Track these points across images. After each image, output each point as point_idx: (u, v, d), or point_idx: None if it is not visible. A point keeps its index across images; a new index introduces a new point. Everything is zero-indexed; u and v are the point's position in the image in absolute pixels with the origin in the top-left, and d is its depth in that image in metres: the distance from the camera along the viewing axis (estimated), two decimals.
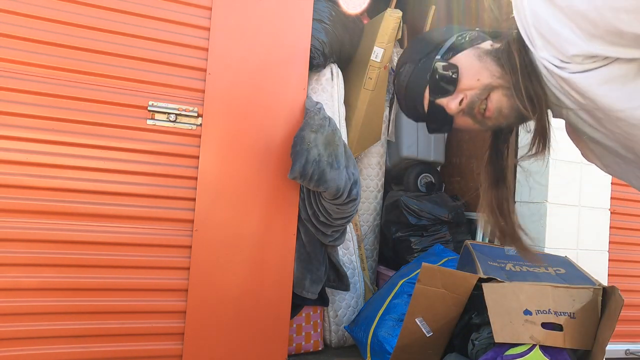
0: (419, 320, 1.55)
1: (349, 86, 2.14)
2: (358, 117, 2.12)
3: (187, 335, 1.53)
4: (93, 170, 1.44)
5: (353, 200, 1.66)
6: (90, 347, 1.44)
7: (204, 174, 1.55)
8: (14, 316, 1.37)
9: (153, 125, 1.51)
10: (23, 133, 1.38)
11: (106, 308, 1.46)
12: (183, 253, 1.54)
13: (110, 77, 1.47)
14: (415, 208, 2.36)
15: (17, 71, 1.38)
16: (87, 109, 1.44)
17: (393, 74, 2.35)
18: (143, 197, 1.49)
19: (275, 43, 1.65)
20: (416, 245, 2.33)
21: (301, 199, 1.69)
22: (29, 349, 1.39)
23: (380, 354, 1.73)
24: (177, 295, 1.53)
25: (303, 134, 1.59)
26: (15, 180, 1.37)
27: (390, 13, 2.08)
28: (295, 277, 1.69)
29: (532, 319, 1.39)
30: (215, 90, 1.56)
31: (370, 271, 2.36)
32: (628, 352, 2.14)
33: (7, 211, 1.37)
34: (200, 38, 1.55)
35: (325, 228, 1.70)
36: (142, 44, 1.50)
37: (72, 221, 1.43)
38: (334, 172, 1.59)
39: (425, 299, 1.53)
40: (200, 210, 1.54)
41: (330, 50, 1.96)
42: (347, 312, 2.08)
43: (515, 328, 1.38)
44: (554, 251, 1.92)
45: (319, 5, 1.94)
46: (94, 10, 1.45)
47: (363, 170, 2.41)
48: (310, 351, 1.95)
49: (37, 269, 1.40)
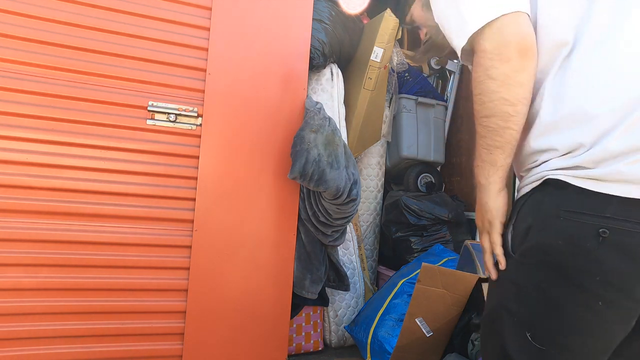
0: (419, 320, 1.56)
1: (348, 86, 2.14)
2: (358, 117, 2.12)
3: (187, 335, 1.53)
4: (93, 170, 1.44)
5: (353, 200, 1.66)
6: (90, 347, 1.44)
7: (204, 174, 1.55)
8: (14, 316, 1.37)
9: (153, 125, 1.51)
10: (23, 133, 1.38)
11: (106, 308, 1.46)
12: (183, 253, 1.54)
13: (110, 77, 1.47)
14: (415, 208, 2.36)
15: (17, 71, 1.38)
16: (87, 109, 1.44)
17: (393, 74, 2.35)
18: (143, 197, 1.49)
19: (275, 43, 1.65)
20: (416, 245, 2.33)
21: (301, 199, 1.69)
22: (29, 349, 1.39)
23: (380, 354, 1.73)
24: (177, 295, 1.53)
25: (303, 134, 1.59)
26: (15, 180, 1.37)
27: (389, 13, 2.08)
28: (295, 277, 1.69)
29: None
30: (215, 90, 1.56)
31: (370, 271, 2.36)
32: None
33: (7, 211, 1.37)
34: (200, 38, 1.55)
35: (325, 228, 1.70)
36: (142, 44, 1.49)
37: (72, 221, 1.42)
38: (334, 172, 1.59)
39: (425, 299, 1.54)
40: (200, 210, 1.54)
41: (330, 50, 1.96)
42: (347, 312, 2.08)
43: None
44: None
45: (318, 5, 1.94)
46: (94, 10, 1.45)
47: (363, 170, 2.41)
48: (310, 351, 1.95)
49: (37, 269, 1.40)
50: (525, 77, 0.72)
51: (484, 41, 0.73)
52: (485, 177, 0.79)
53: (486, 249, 0.84)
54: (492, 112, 0.74)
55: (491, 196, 0.79)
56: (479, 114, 0.76)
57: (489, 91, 0.73)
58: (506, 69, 0.71)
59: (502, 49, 0.71)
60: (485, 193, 0.80)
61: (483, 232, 0.84)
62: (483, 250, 0.85)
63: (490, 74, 0.72)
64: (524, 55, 0.72)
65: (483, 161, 0.78)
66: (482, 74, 0.73)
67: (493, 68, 0.72)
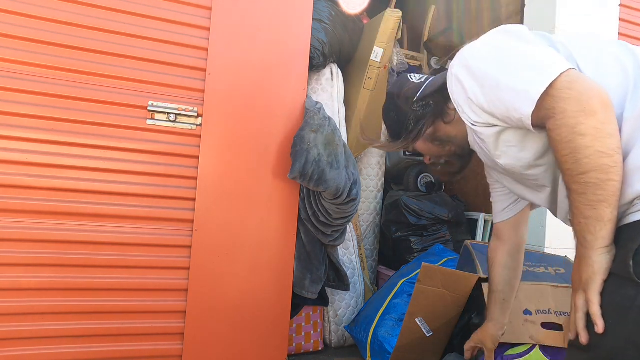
0: (418, 320, 1.56)
1: (348, 86, 2.14)
2: (358, 117, 2.12)
3: (187, 335, 1.53)
4: (93, 170, 1.44)
5: (353, 200, 1.66)
6: (90, 347, 1.44)
7: (204, 174, 1.55)
8: (14, 316, 1.37)
9: (153, 125, 1.51)
10: (23, 133, 1.38)
11: (106, 308, 1.46)
12: (183, 253, 1.54)
13: (110, 77, 1.47)
14: (415, 208, 2.36)
15: (17, 71, 1.38)
16: (87, 109, 1.44)
17: (393, 73, 2.35)
18: (143, 197, 1.49)
19: (275, 43, 1.65)
20: (416, 245, 2.33)
21: (301, 199, 1.69)
22: (29, 349, 1.39)
23: (380, 354, 1.73)
24: (177, 295, 1.53)
25: (303, 133, 1.59)
26: (15, 180, 1.37)
27: (390, 13, 2.08)
28: (295, 277, 1.69)
29: (532, 318, 1.39)
30: (215, 90, 1.56)
31: (370, 271, 2.36)
32: None
33: (7, 211, 1.37)
34: (200, 38, 1.55)
35: (325, 228, 1.70)
36: (142, 44, 1.49)
37: (72, 221, 1.42)
38: (334, 172, 1.59)
39: (425, 299, 1.54)
40: (200, 210, 1.54)
41: (330, 50, 1.96)
42: (347, 312, 2.08)
43: (514, 328, 1.38)
44: (554, 251, 1.92)
45: (318, 5, 1.94)
46: (94, 10, 1.45)
47: (363, 170, 2.41)
48: (310, 351, 1.95)
49: (37, 269, 1.40)
50: (614, 127, 0.72)
51: (558, 103, 0.74)
52: (592, 232, 0.74)
53: (579, 307, 0.76)
54: (590, 168, 0.72)
55: (597, 251, 0.74)
56: (573, 172, 0.74)
57: (582, 147, 0.72)
58: (594, 122, 0.71)
59: (585, 105, 0.72)
60: (591, 248, 0.75)
61: (579, 290, 0.77)
62: (574, 309, 0.77)
63: (578, 130, 0.72)
64: (607, 106, 0.72)
65: (587, 217, 0.75)
66: (569, 133, 0.73)
67: (580, 125, 0.72)
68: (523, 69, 0.79)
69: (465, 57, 0.90)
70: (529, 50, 0.82)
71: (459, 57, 0.92)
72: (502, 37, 0.88)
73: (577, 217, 0.76)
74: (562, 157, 0.76)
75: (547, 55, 0.80)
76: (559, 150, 0.75)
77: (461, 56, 0.91)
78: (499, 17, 2.49)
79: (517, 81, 0.78)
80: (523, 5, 2.22)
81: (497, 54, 0.85)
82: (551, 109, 0.75)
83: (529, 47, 0.83)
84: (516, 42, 0.85)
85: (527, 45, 0.84)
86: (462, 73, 0.89)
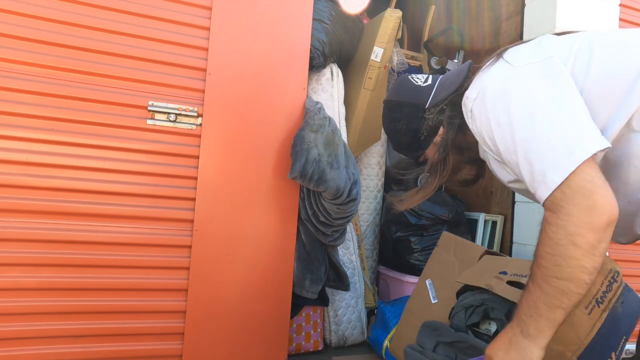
0: (428, 282, 1.60)
1: (349, 86, 2.14)
2: (358, 117, 2.12)
3: (187, 335, 1.53)
4: (93, 170, 1.44)
5: (353, 200, 1.66)
6: (90, 347, 1.44)
7: (204, 174, 1.55)
8: (14, 316, 1.37)
9: (153, 125, 1.51)
10: (23, 133, 1.38)
11: (106, 308, 1.46)
12: (183, 253, 1.54)
13: (110, 77, 1.47)
14: (415, 208, 2.35)
15: (17, 71, 1.38)
16: (87, 109, 1.44)
17: (393, 73, 2.35)
18: (143, 197, 1.49)
19: (275, 43, 1.65)
20: (416, 245, 2.33)
21: (301, 199, 1.69)
22: (29, 349, 1.39)
23: (383, 323, 1.79)
24: (177, 295, 1.53)
25: (303, 133, 1.59)
26: (15, 180, 1.37)
27: (390, 13, 2.07)
28: (295, 277, 1.69)
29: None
30: (215, 90, 1.56)
31: (370, 271, 2.36)
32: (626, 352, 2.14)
33: (7, 211, 1.37)
34: (200, 38, 1.55)
35: (325, 228, 1.70)
36: (142, 44, 1.50)
37: (72, 221, 1.43)
38: (334, 172, 1.59)
39: (439, 264, 1.64)
40: (200, 210, 1.54)
41: (330, 50, 1.96)
42: (347, 312, 2.07)
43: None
44: None
45: (319, 5, 1.94)
46: (94, 10, 1.45)
47: (363, 170, 2.41)
48: (310, 351, 1.95)
49: (37, 269, 1.40)
50: (606, 246, 0.71)
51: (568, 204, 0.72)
52: (539, 330, 0.76)
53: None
54: (568, 277, 0.72)
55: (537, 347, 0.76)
56: (548, 272, 0.74)
57: (570, 257, 0.71)
58: (593, 239, 0.70)
59: (594, 219, 0.70)
60: (533, 343, 0.76)
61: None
62: None
63: (575, 240, 0.71)
64: (612, 225, 0.71)
65: (540, 316, 0.75)
66: (565, 237, 0.71)
67: (579, 236, 0.70)
68: (548, 144, 0.75)
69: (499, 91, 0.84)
70: (559, 118, 0.77)
71: (495, 80, 0.86)
72: (542, 86, 0.81)
73: (529, 307, 0.76)
74: (543, 252, 0.74)
75: (575, 130, 0.75)
76: (545, 244, 0.74)
77: (496, 85, 0.85)
78: (499, 17, 2.49)
79: (536, 159, 0.75)
80: (523, 5, 2.22)
81: (529, 111, 0.79)
82: (558, 205, 0.73)
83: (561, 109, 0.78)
84: (550, 101, 0.79)
85: (561, 103, 0.78)
86: (491, 110, 0.84)
